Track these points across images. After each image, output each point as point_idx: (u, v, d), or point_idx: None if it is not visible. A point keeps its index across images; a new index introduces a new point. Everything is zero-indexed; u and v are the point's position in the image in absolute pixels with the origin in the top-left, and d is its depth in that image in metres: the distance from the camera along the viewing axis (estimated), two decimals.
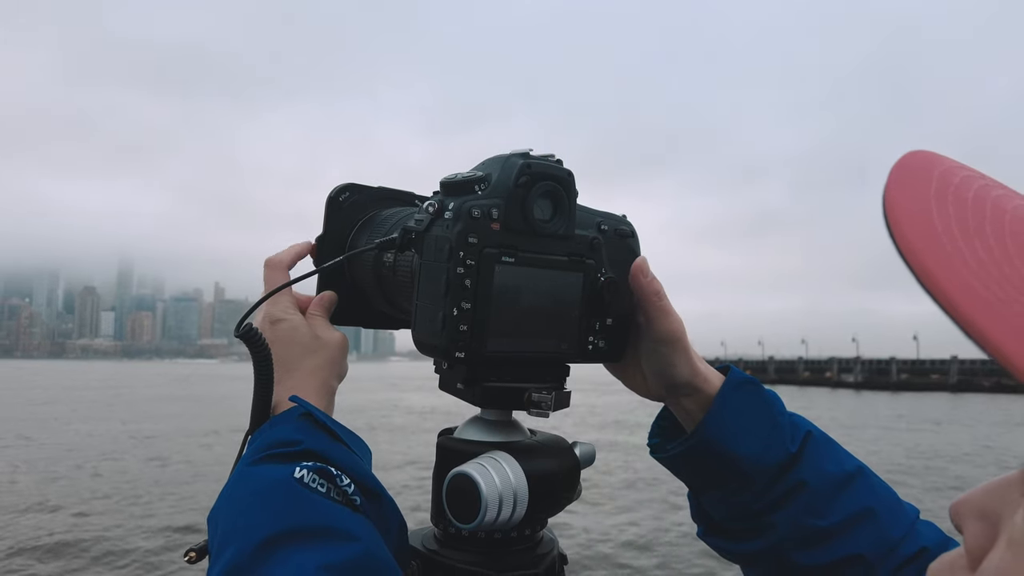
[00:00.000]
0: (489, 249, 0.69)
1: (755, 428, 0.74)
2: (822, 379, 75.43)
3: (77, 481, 13.24)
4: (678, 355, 0.77)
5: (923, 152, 0.41)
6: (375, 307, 0.89)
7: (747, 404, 0.76)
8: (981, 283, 0.31)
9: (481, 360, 0.71)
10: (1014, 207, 0.37)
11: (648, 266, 0.77)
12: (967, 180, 0.39)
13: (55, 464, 15.10)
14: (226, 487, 0.68)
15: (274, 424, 0.73)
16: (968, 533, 0.37)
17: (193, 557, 0.71)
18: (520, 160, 0.71)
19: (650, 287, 0.76)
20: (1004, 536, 0.34)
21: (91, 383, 62.74)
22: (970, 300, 0.30)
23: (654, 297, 0.76)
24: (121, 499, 11.66)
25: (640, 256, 0.78)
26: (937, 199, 0.36)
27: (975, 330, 0.29)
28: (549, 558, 0.77)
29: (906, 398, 48.03)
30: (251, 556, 0.59)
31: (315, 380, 0.79)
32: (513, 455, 0.71)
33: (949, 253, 0.32)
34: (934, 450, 18.82)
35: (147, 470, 14.66)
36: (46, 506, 11.02)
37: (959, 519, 0.38)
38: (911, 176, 0.38)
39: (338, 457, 0.69)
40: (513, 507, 0.69)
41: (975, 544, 0.36)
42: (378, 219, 0.89)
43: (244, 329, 0.75)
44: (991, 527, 0.35)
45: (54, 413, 28.58)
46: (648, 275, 0.76)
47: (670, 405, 0.81)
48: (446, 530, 0.75)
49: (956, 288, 0.30)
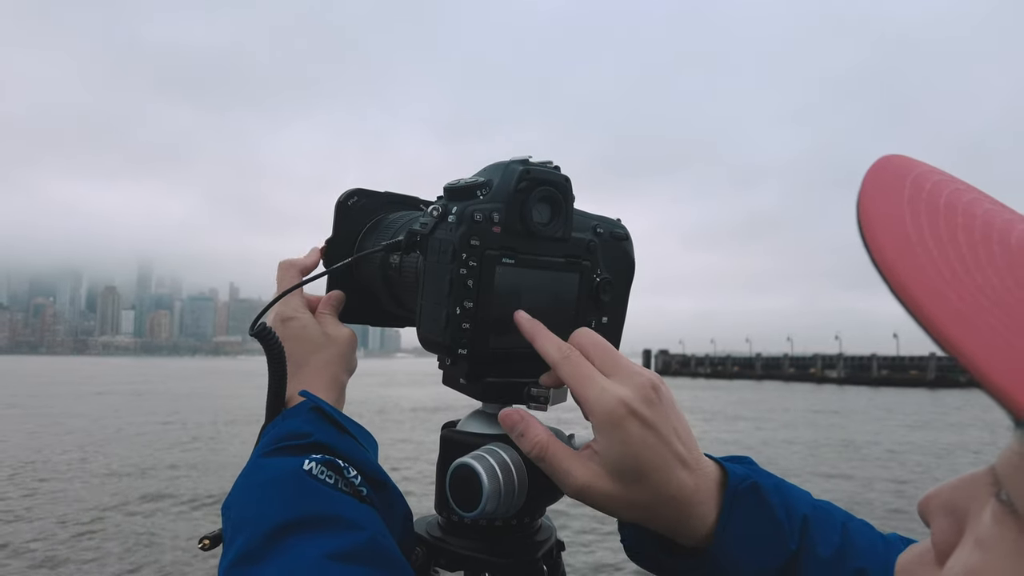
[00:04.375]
0: (490, 251, 0.69)
1: (761, 539, 0.63)
2: (806, 375, 75.37)
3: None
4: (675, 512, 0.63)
5: (897, 157, 0.39)
6: (382, 306, 0.89)
7: (751, 516, 0.63)
8: (955, 293, 0.29)
9: (483, 356, 0.71)
10: (984, 212, 0.35)
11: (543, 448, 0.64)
12: (939, 185, 0.37)
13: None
14: (240, 477, 0.68)
15: (286, 417, 0.73)
16: (936, 528, 0.36)
17: (207, 544, 0.71)
18: (520, 166, 0.71)
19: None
20: (971, 534, 0.33)
21: (136, 377, 63.80)
22: (943, 311, 0.29)
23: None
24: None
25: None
26: (910, 205, 0.34)
27: (947, 342, 0.28)
28: (547, 544, 0.77)
29: (886, 393, 48.07)
30: (261, 543, 0.59)
31: (325, 375, 0.79)
32: (513, 446, 0.71)
33: (922, 262, 0.31)
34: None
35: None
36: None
37: (927, 514, 0.37)
38: (884, 182, 0.36)
39: (346, 449, 0.69)
40: (513, 496, 0.69)
41: (942, 539, 0.35)
42: (385, 222, 0.89)
43: (258, 328, 0.75)
44: (958, 523, 0.35)
45: (151, 405, 29.19)
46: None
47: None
48: (449, 518, 0.75)
49: (929, 299, 0.29)
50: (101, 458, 14.75)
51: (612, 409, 0.60)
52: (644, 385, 0.62)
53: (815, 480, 12.92)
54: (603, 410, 0.60)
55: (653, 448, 0.60)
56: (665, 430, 0.61)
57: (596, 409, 0.61)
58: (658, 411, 0.61)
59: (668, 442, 0.61)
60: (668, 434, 0.61)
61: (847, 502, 10.12)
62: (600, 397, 0.61)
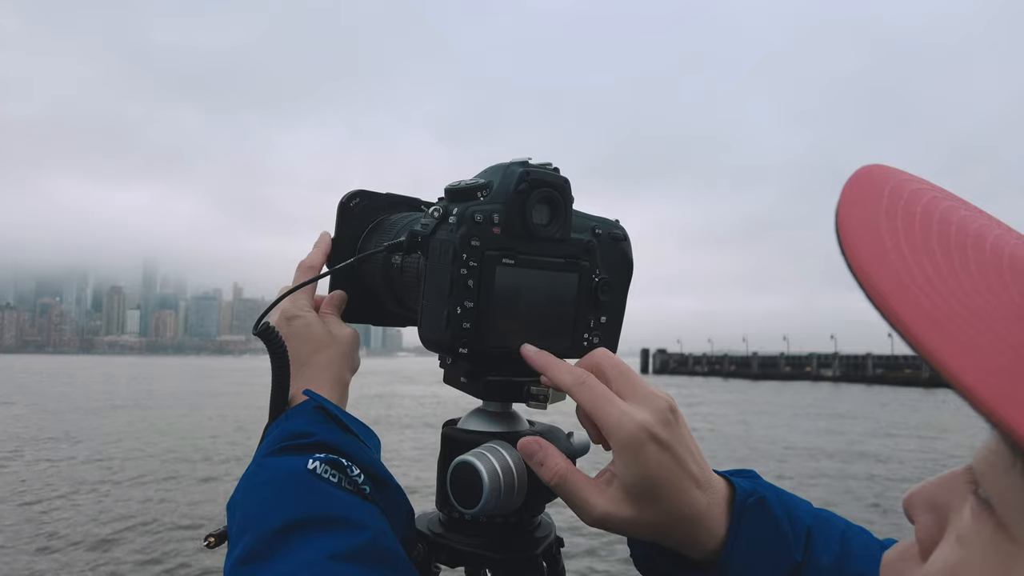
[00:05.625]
0: (490, 251, 0.69)
1: (768, 552, 0.63)
2: (802, 373, 75.42)
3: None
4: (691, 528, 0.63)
5: (876, 166, 0.40)
6: (384, 306, 0.89)
7: (759, 529, 0.64)
8: (929, 301, 0.30)
9: (483, 355, 0.71)
10: (959, 219, 0.36)
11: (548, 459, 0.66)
12: (916, 194, 0.38)
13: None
14: (244, 477, 0.68)
15: (289, 417, 0.73)
16: (919, 524, 0.37)
17: (212, 542, 0.70)
18: (519, 168, 0.71)
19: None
20: (952, 531, 0.34)
21: (154, 375, 64.07)
22: (915, 315, 0.29)
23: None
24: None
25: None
26: (887, 214, 0.35)
27: (920, 345, 0.28)
28: (547, 541, 0.77)
29: (880, 390, 48.04)
30: (266, 542, 0.59)
31: (329, 373, 0.79)
32: (513, 444, 0.71)
33: (898, 271, 0.31)
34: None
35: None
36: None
37: (911, 510, 0.38)
38: (863, 192, 0.37)
39: (349, 448, 0.69)
40: (513, 493, 0.69)
41: (925, 535, 0.36)
42: (387, 223, 0.89)
43: (262, 327, 0.75)
44: (941, 519, 0.35)
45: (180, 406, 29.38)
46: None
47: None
48: (450, 515, 0.75)
49: (902, 305, 0.30)
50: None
51: (633, 433, 0.60)
52: (663, 409, 0.62)
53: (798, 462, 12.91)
54: (624, 434, 0.61)
55: (671, 470, 0.61)
56: (682, 452, 0.62)
57: (617, 434, 0.61)
58: (675, 433, 0.62)
59: (684, 465, 0.62)
60: (685, 456, 0.62)
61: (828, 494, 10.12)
62: (620, 421, 0.61)
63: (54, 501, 10.36)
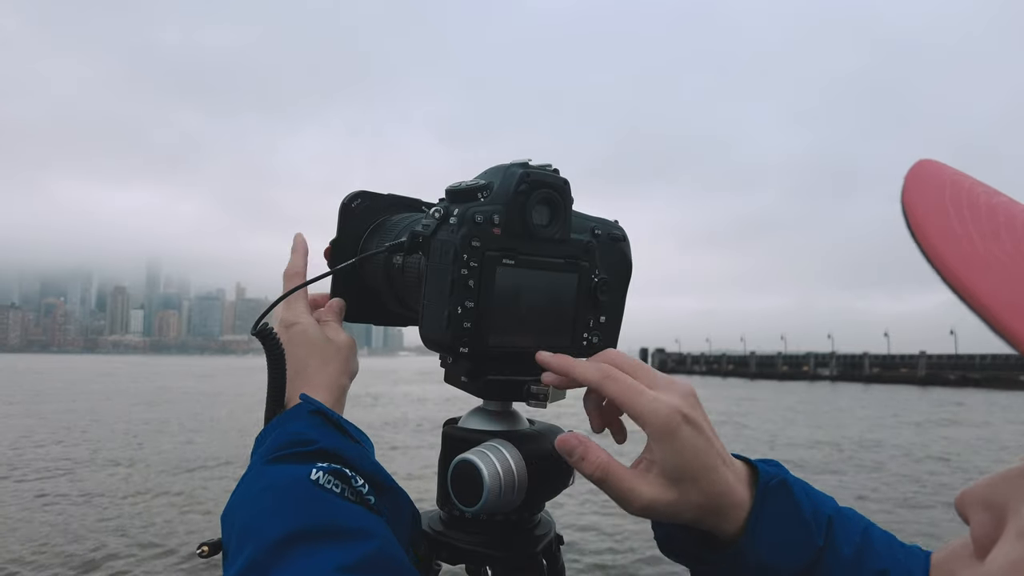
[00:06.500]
0: (491, 252, 0.69)
1: (789, 534, 0.64)
2: (799, 373, 75.37)
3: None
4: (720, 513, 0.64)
5: (932, 161, 0.40)
6: (385, 306, 0.89)
7: (781, 511, 0.64)
8: (1007, 286, 0.30)
9: (483, 355, 0.71)
10: (1022, 211, 0.36)
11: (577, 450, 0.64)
12: (975, 186, 0.38)
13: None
14: (241, 485, 0.65)
15: (282, 422, 0.71)
16: (974, 523, 0.36)
17: (206, 551, 0.67)
18: (520, 169, 0.71)
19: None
20: (1013, 527, 0.33)
21: (170, 374, 63.98)
22: (1000, 303, 0.29)
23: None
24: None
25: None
26: (953, 204, 0.35)
27: (1011, 334, 0.28)
28: (547, 539, 0.77)
29: (876, 389, 48.06)
30: (269, 553, 0.56)
31: (327, 379, 0.78)
32: (513, 443, 0.71)
33: (970, 255, 0.32)
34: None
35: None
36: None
37: (964, 509, 0.37)
38: (926, 183, 0.37)
39: (351, 456, 0.67)
40: (513, 491, 0.69)
41: (982, 533, 0.36)
42: (388, 224, 0.89)
43: (260, 328, 0.74)
44: (997, 517, 0.35)
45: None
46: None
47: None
48: (451, 513, 0.75)
49: (985, 291, 0.30)
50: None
51: (668, 417, 0.61)
52: (689, 392, 0.64)
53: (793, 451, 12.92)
54: (659, 420, 0.61)
55: (704, 450, 0.62)
56: (710, 432, 0.63)
57: (652, 420, 0.62)
58: (701, 414, 0.64)
59: (713, 443, 0.63)
60: (712, 435, 0.63)
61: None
62: (655, 407, 0.62)
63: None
